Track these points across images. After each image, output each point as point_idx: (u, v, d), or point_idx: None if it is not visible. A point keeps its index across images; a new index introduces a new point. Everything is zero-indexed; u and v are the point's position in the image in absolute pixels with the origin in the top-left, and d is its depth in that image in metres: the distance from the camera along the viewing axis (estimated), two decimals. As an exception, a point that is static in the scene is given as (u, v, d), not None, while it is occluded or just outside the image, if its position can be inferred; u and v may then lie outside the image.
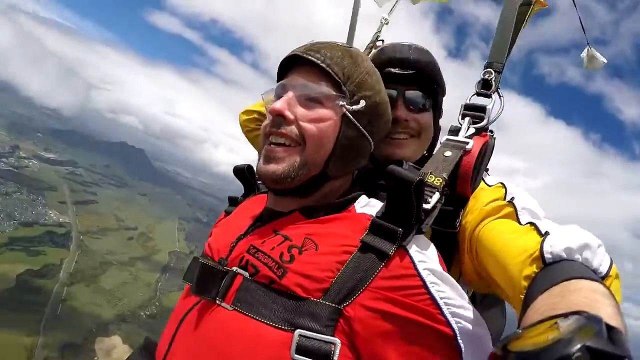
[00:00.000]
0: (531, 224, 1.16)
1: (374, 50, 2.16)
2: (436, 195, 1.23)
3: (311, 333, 0.99)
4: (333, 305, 1.01)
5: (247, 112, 2.26)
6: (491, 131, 1.65)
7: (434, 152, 1.49)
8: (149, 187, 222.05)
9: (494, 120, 1.66)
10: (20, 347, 77.85)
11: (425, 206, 1.16)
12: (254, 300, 1.06)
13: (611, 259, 0.96)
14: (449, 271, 1.18)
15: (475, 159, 1.41)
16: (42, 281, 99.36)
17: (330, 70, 1.22)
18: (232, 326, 1.06)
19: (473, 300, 1.52)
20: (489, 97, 1.70)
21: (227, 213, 1.61)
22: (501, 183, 1.47)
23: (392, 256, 1.05)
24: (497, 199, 1.37)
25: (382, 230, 1.09)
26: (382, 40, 2.48)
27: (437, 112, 1.82)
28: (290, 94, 1.24)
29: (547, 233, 1.05)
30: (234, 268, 1.14)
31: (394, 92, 1.68)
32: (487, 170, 1.63)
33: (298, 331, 0.99)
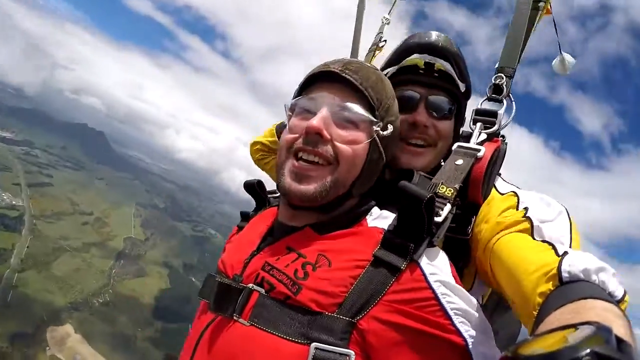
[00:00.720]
0: (548, 243, 1.16)
1: (377, 52, 2.26)
2: (447, 207, 1.26)
3: (326, 346, 1.03)
4: (347, 318, 1.05)
5: (254, 143, 2.43)
6: (502, 136, 1.65)
7: (446, 160, 1.50)
8: (108, 171, 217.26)
9: (506, 125, 1.66)
10: (-31, 335, 77.25)
11: (437, 219, 1.20)
12: (271, 315, 1.10)
13: (625, 289, 0.97)
14: (462, 276, 1.27)
15: (487, 166, 1.43)
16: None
17: (367, 95, 1.26)
18: (250, 341, 1.10)
19: (487, 304, 1.60)
20: (500, 102, 1.70)
21: (240, 228, 1.61)
22: (513, 192, 1.45)
23: (404, 270, 1.09)
24: (510, 208, 1.38)
25: (393, 244, 1.12)
26: (385, 41, 2.63)
27: (460, 119, 1.79)
28: (325, 111, 1.24)
29: (565, 253, 1.05)
30: (250, 285, 1.17)
31: (416, 95, 1.67)
32: (499, 174, 1.62)
33: (314, 344, 1.03)
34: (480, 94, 1.81)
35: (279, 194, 1.48)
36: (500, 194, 1.49)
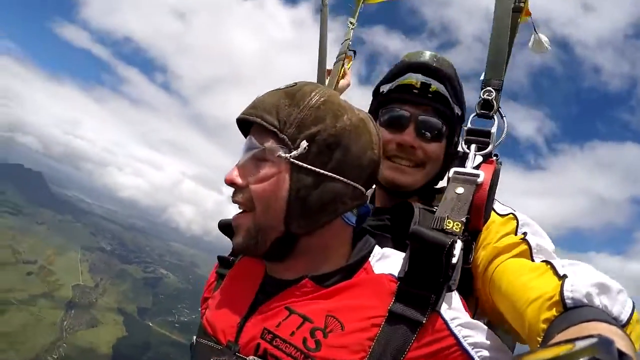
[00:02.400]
0: (547, 262, 1.13)
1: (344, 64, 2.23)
2: (459, 244, 1.11)
3: None
4: None
5: None
6: (496, 155, 1.54)
7: (445, 189, 1.39)
8: (48, 214, 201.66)
9: (500, 143, 1.55)
10: None
11: (453, 261, 1.08)
12: None
13: (633, 304, 0.96)
14: (467, 303, 1.20)
15: (488, 193, 1.33)
16: None
17: (263, 122, 1.12)
18: None
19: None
20: (490, 119, 1.57)
21: (219, 275, 1.47)
22: (512, 214, 1.43)
23: (425, 323, 1.01)
24: (509, 233, 1.35)
25: (411, 296, 1.03)
26: (354, 51, 2.59)
27: (451, 142, 1.71)
28: (240, 159, 1.19)
29: (565, 276, 1.02)
30: (251, 358, 1.05)
31: (406, 114, 1.61)
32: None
33: None
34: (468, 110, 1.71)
35: None
36: (500, 215, 1.45)
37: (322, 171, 1.11)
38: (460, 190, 1.32)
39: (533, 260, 1.20)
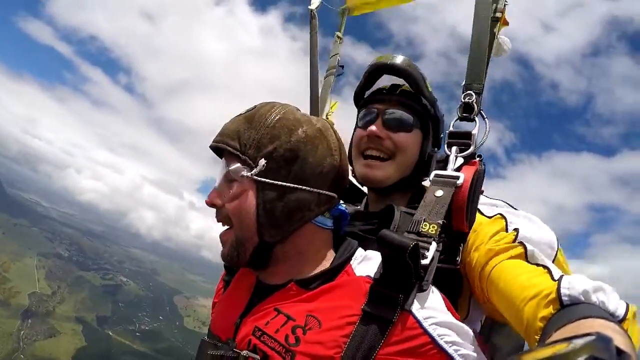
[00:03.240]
0: (543, 266, 1.17)
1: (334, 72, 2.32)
2: (433, 246, 1.20)
3: None
4: None
5: None
6: (479, 156, 1.57)
7: (425, 191, 1.42)
8: (2, 217, 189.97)
9: (482, 143, 1.59)
10: None
11: (424, 262, 1.14)
12: None
13: (627, 303, 0.97)
14: (456, 306, 1.24)
15: (468, 194, 1.36)
16: None
17: (225, 147, 1.26)
18: None
19: (484, 323, 1.57)
20: (472, 121, 1.63)
21: (226, 282, 1.61)
22: (500, 214, 1.45)
23: (396, 321, 1.06)
24: (499, 231, 1.38)
25: (382, 296, 1.09)
26: (342, 66, 2.72)
27: (426, 137, 1.75)
28: (216, 182, 1.32)
29: (561, 276, 1.06)
30: (244, 352, 1.16)
31: (374, 111, 1.72)
32: (482, 192, 1.56)
33: None
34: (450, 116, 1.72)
35: None
36: (487, 217, 1.47)
37: (283, 183, 1.22)
38: (439, 193, 1.36)
39: (529, 262, 1.23)
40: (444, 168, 1.50)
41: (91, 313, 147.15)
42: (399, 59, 1.75)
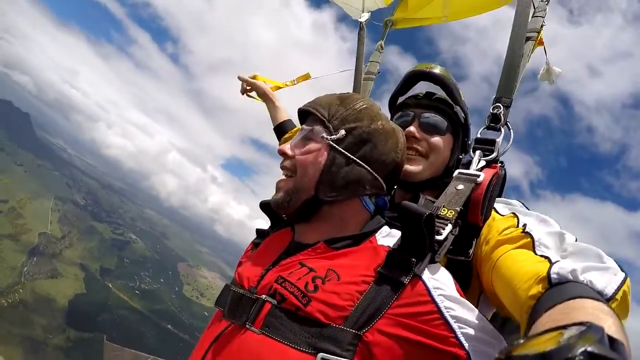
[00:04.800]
0: (545, 257, 1.20)
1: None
2: (449, 227, 1.33)
3: (332, 356, 1.08)
4: (353, 331, 1.10)
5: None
6: (501, 162, 1.71)
7: (447, 186, 1.57)
8: (28, 157, 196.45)
9: (505, 151, 1.73)
10: None
11: (438, 237, 1.26)
12: (281, 325, 1.16)
13: (625, 275, 1.00)
14: (465, 296, 1.27)
15: (485, 190, 1.49)
16: None
17: (315, 112, 1.43)
18: (260, 348, 1.15)
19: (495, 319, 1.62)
20: (498, 131, 1.77)
21: (255, 245, 1.69)
22: (513, 213, 1.52)
23: (407, 285, 1.14)
24: (510, 227, 1.44)
25: (396, 261, 1.18)
26: (379, 72, 2.87)
27: (457, 140, 1.89)
28: (295, 139, 1.47)
29: (557, 261, 1.10)
30: (263, 296, 1.24)
31: (410, 113, 1.86)
32: (500, 196, 1.68)
33: (320, 354, 1.08)
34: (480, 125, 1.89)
35: None
36: (500, 215, 1.56)
37: (351, 156, 1.37)
38: (460, 187, 1.51)
39: (535, 253, 1.26)
40: (468, 168, 1.63)
41: (96, 263, 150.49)
42: (437, 68, 1.88)
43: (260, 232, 1.75)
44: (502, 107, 1.81)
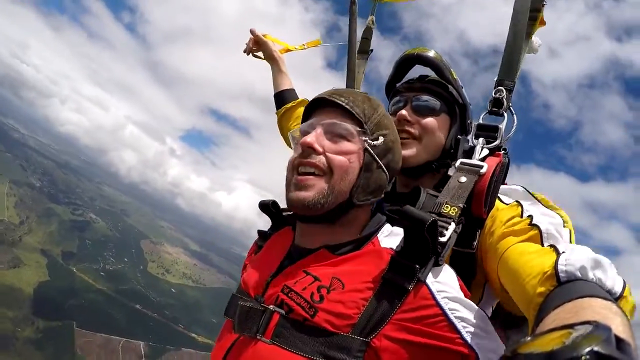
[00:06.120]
0: (552, 246, 1.20)
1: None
2: (452, 226, 1.33)
3: None
4: (360, 338, 1.14)
5: (288, 109, 2.65)
6: (505, 149, 1.67)
7: (450, 178, 1.55)
8: None
9: (508, 138, 1.70)
10: None
11: (441, 239, 1.27)
12: (291, 335, 1.20)
13: (624, 280, 0.98)
14: (469, 288, 1.32)
15: (489, 183, 1.48)
16: None
17: (353, 111, 1.38)
18: (272, 358, 1.19)
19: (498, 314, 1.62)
20: (500, 116, 1.74)
21: (258, 246, 1.71)
22: (517, 202, 1.51)
23: (411, 290, 1.17)
24: (514, 217, 1.44)
25: (400, 266, 1.20)
26: (372, 49, 2.82)
27: (454, 122, 1.86)
28: (319, 129, 1.40)
29: (560, 253, 1.09)
30: (271, 306, 1.27)
31: (403, 98, 1.86)
32: (504, 183, 1.66)
33: None
34: (482, 109, 1.83)
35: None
36: (505, 204, 1.54)
37: (381, 162, 1.42)
38: (462, 179, 1.51)
39: (542, 245, 1.26)
40: (470, 157, 1.62)
41: (57, 247, 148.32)
42: (430, 52, 1.89)
43: (262, 234, 1.75)
44: (504, 90, 1.75)
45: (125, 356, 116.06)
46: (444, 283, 1.21)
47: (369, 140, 1.39)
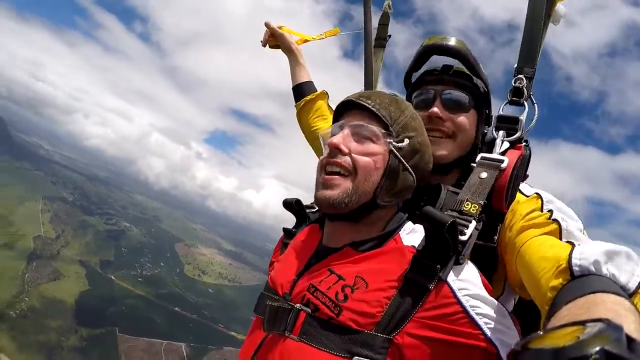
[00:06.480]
0: (570, 242, 1.20)
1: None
2: (472, 224, 1.35)
3: (366, 359, 1.19)
4: (384, 335, 1.20)
5: (309, 101, 2.60)
6: (526, 141, 1.65)
7: (471, 173, 1.55)
8: (6, 161, 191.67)
9: (530, 129, 1.66)
10: None
11: (462, 238, 1.30)
12: (317, 332, 1.27)
13: None
14: (491, 282, 1.34)
15: (509, 177, 1.48)
16: None
17: (379, 114, 1.42)
18: (300, 354, 1.27)
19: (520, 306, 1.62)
20: (521, 106, 1.71)
21: (284, 244, 1.77)
22: (537, 193, 1.50)
23: (432, 289, 1.21)
24: (534, 210, 1.43)
25: (422, 266, 1.24)
26: (389, 35, 2.77)
27: (481, 115, 1.81)
28: (345, 131, 1.45)
29: (575, 246, 1.09)
30: (298, 305, 1.34)
31: (431, 92, 1.78)
32: (526, 177, 1.66)
33: (355, 358, 1.19)
34: (501, 99, 1.83)
35: (316, 208, 1.71)
36: (525, 196, 1.53)
37: (406, 164, 1.44)
38: (483, 175, 1.49)
39: (561, 239, 1.26)
40: (490, 151, 1.58)
41: (94, 257, 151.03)
42: (452, 40, 1.80)
43: (287, 232, 1.80)
44: (524, 79, 1.70)
45: (168, 358, 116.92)
46: (465, 281, 1.24)
47: (394, 142, 1.42)
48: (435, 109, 1.72)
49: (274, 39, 2.79)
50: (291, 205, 1.78)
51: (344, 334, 1.23)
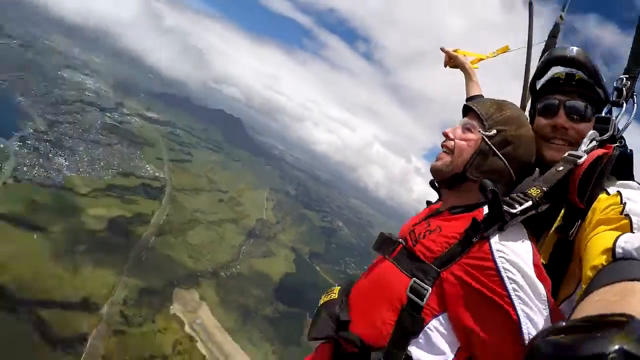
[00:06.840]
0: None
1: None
2: (528, 203, 1.51)
3: (419, 281, 1.55)
4: (435, 268, 1.54)
5: None
6: (621, 140, 1.70)
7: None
8: (244, 154, 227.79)
9: (625, 127, 1.74)
10: (104, 284, 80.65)
11: (512, 210, 1.49)
12: (402, 258, 1.68)
13: None
14: (565, 277, 1.58)
15: (583, 173, 1.56)
16: (132, 227, 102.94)
17: (478, 112, 1.83)
18: (386, 270, 1.70)
19: None
20: (620, 106, 1.80)
21: (427, 203, 2.25)
22: (618, 191, 1.52)
23: (475, 242, 1.49)
24: (612, 205, 1.44)
25: (476, 225, 1.51)
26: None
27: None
28: (458, 124, 1.91)
29: (632, 233, 1.09)
30: (399, 239, 1.78)
31: (555, 102, 1.91)
32: (628, 177, 1.68)
33: (414, 279, 1.56)
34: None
35: None
36: (607, 194, 1.55)
37: (497, 151, 1.77)
38: (560, 167, 1.62)
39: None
40: (577, 150, 1.67)
41: (306, 247, 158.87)
42: (577, 51, 1.92)
43: (428, 204, 2.24)
44: (624, 79, 1.80)
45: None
46: (508, 247, 1.46)
47: (483, 132, 1.79)
48: (560, 120, 1.87)
49: (451, 62, 3.23)
50: (434, 184, 2.14)
51: (413, 260, 1.62)
